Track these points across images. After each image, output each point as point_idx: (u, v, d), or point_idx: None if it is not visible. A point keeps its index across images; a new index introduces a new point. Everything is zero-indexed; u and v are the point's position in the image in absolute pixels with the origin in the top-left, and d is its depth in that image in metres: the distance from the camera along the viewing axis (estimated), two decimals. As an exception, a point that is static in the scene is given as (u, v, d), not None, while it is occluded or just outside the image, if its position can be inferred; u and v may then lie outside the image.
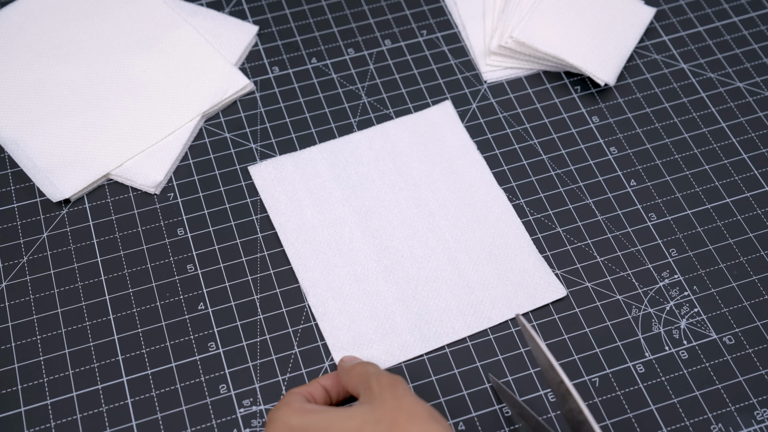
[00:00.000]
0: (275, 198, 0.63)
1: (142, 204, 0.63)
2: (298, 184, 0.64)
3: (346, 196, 0.63)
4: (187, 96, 0.68)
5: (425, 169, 0.65)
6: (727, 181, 0.65)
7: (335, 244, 0.61)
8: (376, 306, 0.59)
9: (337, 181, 0.64)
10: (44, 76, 0.68)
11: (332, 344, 0.57)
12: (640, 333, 0.58)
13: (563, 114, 0.68)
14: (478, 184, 0.64)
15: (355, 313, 0.58)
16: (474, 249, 0.61)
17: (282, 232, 0.62)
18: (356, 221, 0.62)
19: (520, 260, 0.61)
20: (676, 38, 0.72)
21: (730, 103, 0.69)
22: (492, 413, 0.55)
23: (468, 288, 0.60)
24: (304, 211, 0.62)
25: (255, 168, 0.65)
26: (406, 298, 0.59)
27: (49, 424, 0.55)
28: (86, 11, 0.72)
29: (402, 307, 0.59)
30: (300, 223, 0.62)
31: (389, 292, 0.59)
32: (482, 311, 0.59)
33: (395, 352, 0.57)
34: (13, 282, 0.60)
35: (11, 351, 0.57)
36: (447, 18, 0.74)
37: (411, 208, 0.63)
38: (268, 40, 0.72)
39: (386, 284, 0.60)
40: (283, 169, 0.65)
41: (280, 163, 0.65)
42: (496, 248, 0.61)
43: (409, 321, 0.58)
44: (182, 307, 0.59)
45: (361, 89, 0.69)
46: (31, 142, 0.65)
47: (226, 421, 0.55)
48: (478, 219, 0.63)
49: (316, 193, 0.63)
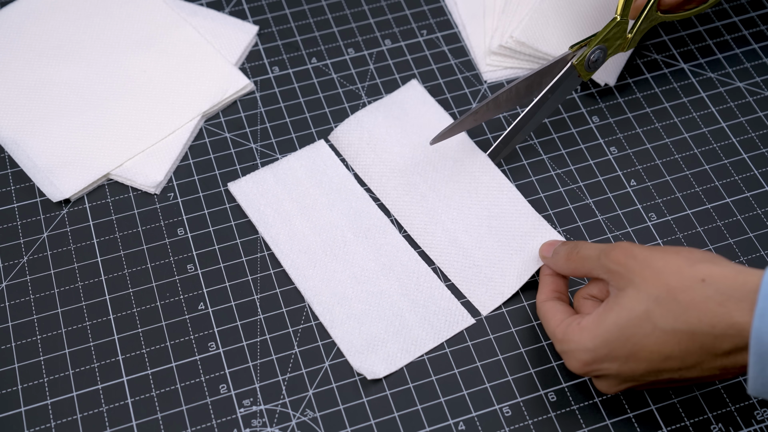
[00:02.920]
0: (261, 212, 0.62)
1: (142, 204, 0.63)
2: (282, 194, 0.63)
3: (332, 201, 0.62)
4: (187, 96, 0.68)
5: (407, 152, 0.64)
6: (727, 181, 0.65)
7: (330, 249, 0.61)
8: (382, 305, 0.58)
9: (320, 186, 0.63)
10: (44, 76, 0.68)
11: (346, 350, 0.57)
12: (640, 333, 0.58)
13: (563, 114, 0.68)
14: (462, 158, 0.64)
15: (363, 316, 0.58)
16: (473, 225, 0.61)
17: (274, 245, 0.61)
18: (346, 224, 0.62)
19: (520, 224, 0.61)
20: (676, 38, 0.72)
21: (730, 103, 0.69)
22: (492, 413, 0.55)
23: (475, 267, 0.59)
24: (293, 221, 0.62)
25: (235, 185, 0.63)
26: (411, 292, 0.59)
27: (49, 424, 0.55)
28: (86, 11, 0.72)
29: (408, 302, 0.59)
30: (291, 233, 0.61)
31: (392, 289, 0.59)
32: (494, 287, 0.59)
33: (410, 349, 0.57)
34: (13, 282, 0.60)
35: (11, 351, 0.57)
36: (447, 18, 0.74)
37: (402, 196, 0.63)
38: (268, 40, 0.72)
39: (388, 282, 0.59)
40: (264, 183, 0.63)
41: (260, 177, 0.64)
42: (494, 219, 0.61)
43: (418, 315, 0.58)
44: (182, 307, 0.59)
45: (361, 89, 0.69)
46: (31, 142, 0.65)
47: (226, 421, 0.55)
48: (470, 193, 0.62)
49: (301, 202, 0.62)
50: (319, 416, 0.55)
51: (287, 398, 0.56)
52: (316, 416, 0.55)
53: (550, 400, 0.56)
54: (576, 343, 0.50)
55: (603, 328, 0.49)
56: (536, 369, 0.57)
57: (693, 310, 0.46)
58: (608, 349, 0.49)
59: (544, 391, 0.56)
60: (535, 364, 0.57)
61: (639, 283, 0.48)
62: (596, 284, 0.54)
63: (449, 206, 0.62)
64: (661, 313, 0.47)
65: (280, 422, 0.55)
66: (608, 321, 0.49)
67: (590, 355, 0.50)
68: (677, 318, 0.46)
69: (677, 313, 0.46)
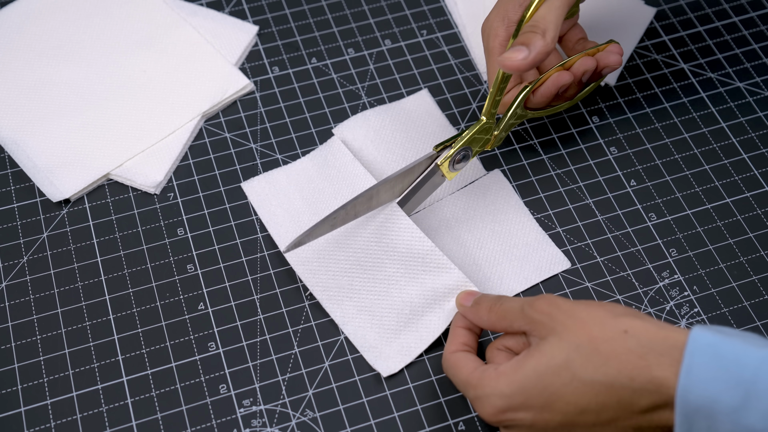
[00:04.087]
0: (272, 212, 0.62)
1: (142, 204, 0.63)
2: (293, 194, 0.63)
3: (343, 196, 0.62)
4: (187, 96, 0.68)
5: (411, 156, 0.65)
6: (727, 181, 0.65)
7: (336, 243, 0.61)
8: (390, 292, 0.58)
9: (330, 181, 0.63)
10: (44, 76, 0.68)
11: (360, 346, 0.57)
12: (640, 333, 0.58)
13: (563, 114, 0.68)
14: (468, 166, 0.64)
15: (373, 307, 0.58)
16: (477, 227, 0.62)
17: (283, 245, 0.61)
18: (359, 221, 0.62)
19: (523, 235, 0.61)
20: (676, 38, 0.72)
21: (730, 103, 0.69)
22: (492, 413, 0.55)
23: (475, 265, 0.60)
24: (302, 220, 0.62)
25: (248, 184, 0.64)
26: (418, 275, 0.58)
27: (49, 424, 0.55)
28: (86, 11, 0.72)
29: (417, 286, 0.58)
30: (299, 231, 0.61)
31: (399, 273, 0.58)
32: (491, 288, 0.59)
33: (423, 335, 0.57)
34: (13, 282, 0.60)
35: (11, 351, 0.57)
36: (447, 18, 0.74)
37: None
38: (268, 40, 0.72)
39: (393, 266, 0.59)
40: (277, 183, 0.64)
41: (272, 177, 0.64)
42: (497, 224, 0.62)
43: (427, 298, 0.57)
44: (182, 307, 0.59)
45: (361, 89, 0.69)
46: (31, 142, 0.65)
47: (226, 421, 0.55)
48: (476, 197, 0.63)
49: (310, 199, 0.62)
50: (319, 416, 0.55)
51: (287, 398, 0.56)
52: (316, 416, 0.55)
53: (550, 400, 0.56)
54: (492, 388, 0.48)
55: (521, 373, 0.48)
56: (536, 369, 0.57)
57: (613, 361, 0.45)
58: (524, 397, 0.47)
59: (544, 391, 0.56)
60: (535, 364, 0.57)
61: (561, 331, 0.47)
62: (512, 336, 0.52)
63: (455, 205, 0.63)
64: (581, 363, 0.46)
65: (280, 422, 0.55)
66: (527, 367, 0.48)
67: (505, 402, 0.48)
68: (597, 369, 0.45)
69: (597, 363, 0.45)
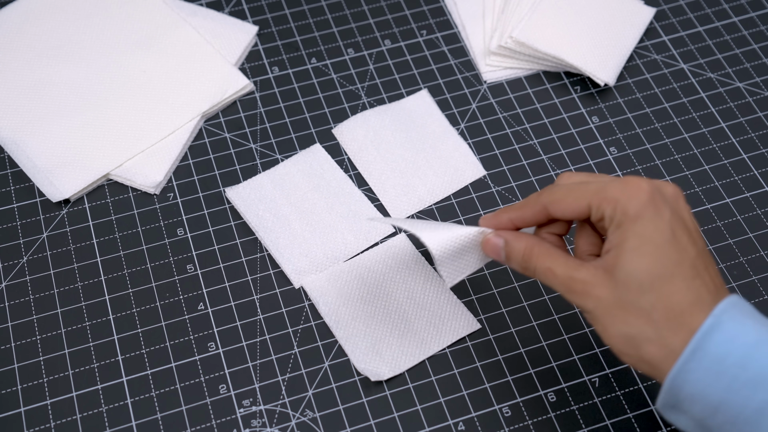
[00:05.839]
0: (260, 216, 0.62)
1: (141, 204, 0.63)
2: (280, 199, 0.63)
3: (330, 204, 0.62)
4: (186, 96, 0.68)
5: (410, 156, 0.65)
6: (727, 181, 0.65)
7: (331, 252, 0.61)
8: (387, 308, 0.58)
9: (318, 190, 0.63)
10: (44, 76, 0.68)
11: (350, 351, 0.57)
12: (640, 333, 0.58)
13: (563, 114, 0.68)
14: (464, 167, 0.65)
15: (368, 318, 0.58)
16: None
17: (275, 249, 0.61)
18: (346, 226, 0.62)
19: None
20: (676, 38, 0.72)
21: (730, 103, 0.69)
22: (492, 413, 0.55)
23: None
24: (292, 225, 0.61)
25: (232, 191, 0.63)
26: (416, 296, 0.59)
27: (48, 424, 0.55)
28: (86, 11, 0.72)
29: (414, 305, 0.58)
30: (291, 237, 0.61)
31: (398, 292, 0.59)
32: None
33: (414, 352, 0.57)
34: (13, 282, 0.60)
35: (11, 351, 0.57)
36: (447, 18, 0.74)
37: (400, 196, 0.63)
38: (268, 40, 0.72)
39: (394, 285, 0.59)
40: (262, 188, 0.63)
41: (257, 183, 0.64)
42: None
43: (423, 318, 0.58)
44: (182, 307, 0.59)
45: (361, 89, 0.69)
46: (31, 142, 0.65)
47: (226, 421, 0.55)
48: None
49: (299, 206, 0.62)
50: (318, 416, 0.55)
51: (287, 398, 0.56)
52: (315, 416, 0.55)
53: (549, 401, 0.56)
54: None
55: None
56: (536, 369, 0.57)
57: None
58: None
59: (544, 392, 0.56)
60: (534, 364, 0.57)
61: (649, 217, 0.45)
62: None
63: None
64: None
65: (279, 422, 0.55)
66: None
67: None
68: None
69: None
